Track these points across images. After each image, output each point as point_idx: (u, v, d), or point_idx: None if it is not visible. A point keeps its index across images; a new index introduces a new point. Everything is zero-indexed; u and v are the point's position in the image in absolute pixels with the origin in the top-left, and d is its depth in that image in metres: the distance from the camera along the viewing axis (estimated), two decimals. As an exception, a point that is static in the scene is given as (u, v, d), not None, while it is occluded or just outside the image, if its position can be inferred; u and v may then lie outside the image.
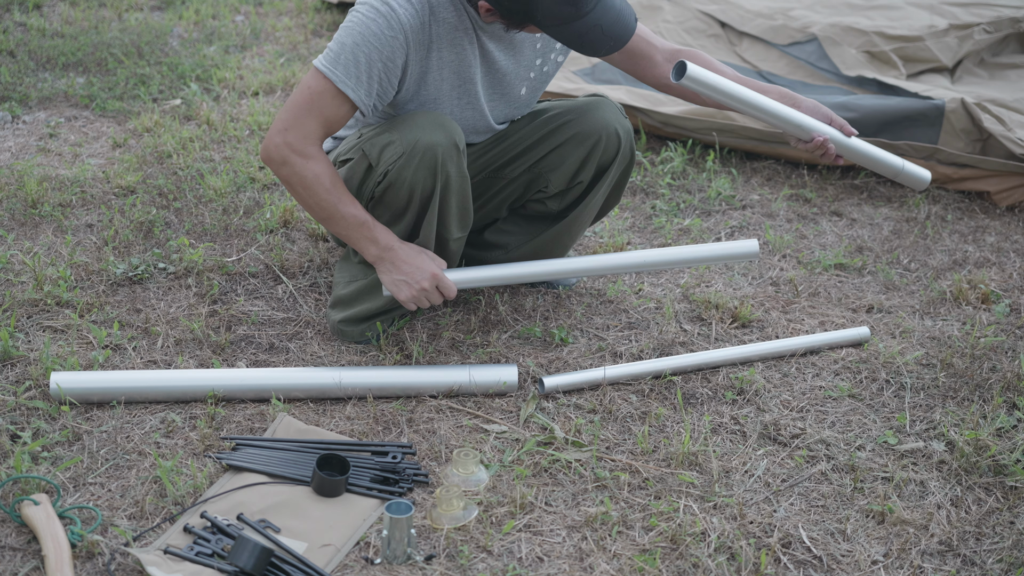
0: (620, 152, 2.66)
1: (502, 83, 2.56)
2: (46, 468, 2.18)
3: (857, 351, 2.73)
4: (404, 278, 2.45)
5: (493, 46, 2.49)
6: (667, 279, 3.07)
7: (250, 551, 1.92)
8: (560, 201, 2.74)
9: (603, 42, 2.32)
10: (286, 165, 2.38)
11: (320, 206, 2.41)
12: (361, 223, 2.43)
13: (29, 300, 2.74)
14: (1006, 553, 2.10)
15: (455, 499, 2.07)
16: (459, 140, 2.45)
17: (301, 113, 2.37)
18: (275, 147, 2.38)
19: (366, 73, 2.35)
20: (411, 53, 2.38)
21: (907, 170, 2.72)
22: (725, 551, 2.06)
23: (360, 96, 2.37)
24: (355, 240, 2.46)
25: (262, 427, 2.35)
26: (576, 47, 2.34)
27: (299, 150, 2.37)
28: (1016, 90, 4.05)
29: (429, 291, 2.46)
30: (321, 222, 2.46)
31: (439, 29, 2.40)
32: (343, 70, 2.34)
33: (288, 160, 2.38)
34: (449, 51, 2.44)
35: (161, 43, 4.82)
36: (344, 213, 2.42)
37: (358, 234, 2.44)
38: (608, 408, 2.46)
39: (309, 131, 2.37)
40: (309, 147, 2.38)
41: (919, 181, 2.75)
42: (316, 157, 2.39)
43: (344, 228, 2.44)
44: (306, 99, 2.37)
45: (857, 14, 4.53)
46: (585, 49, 2.34)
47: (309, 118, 2.37)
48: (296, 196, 2.44)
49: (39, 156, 3.65)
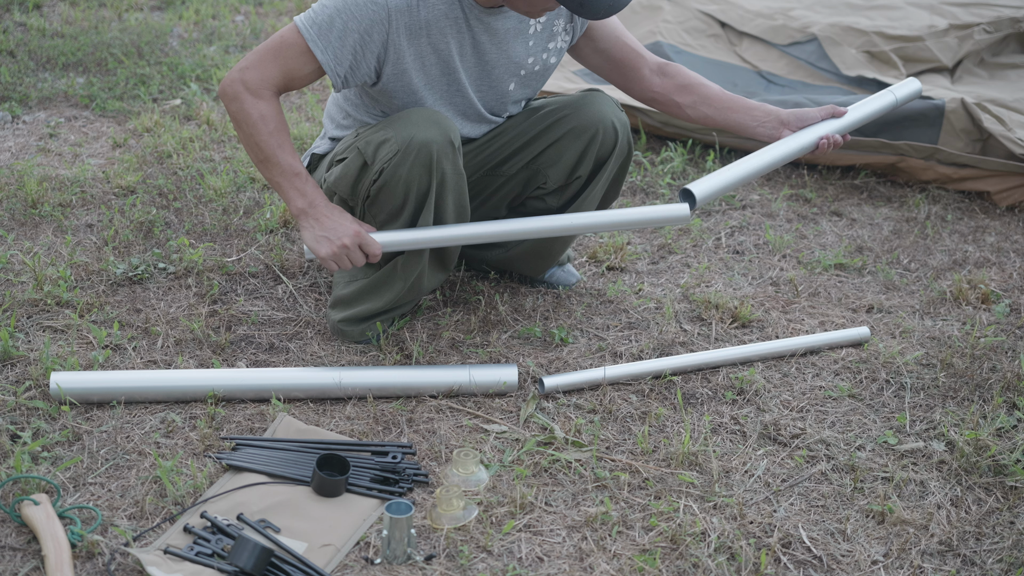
0: (618, 145, 2.66)
1: (490, 76, 2.56)
2: (46, 468, 2.18)
3: (857, 351, 2.73)
4: (326, 234, 2.44)
5: (485, 38, 2.49)
6: (667, 279, 3.07)
7: (250, 551, 1.92)
8: (559, 197, 2.74)
9: (601, 2, 2.31)
10: (236, 101, 2.41)
11: (259, 146, 2.43)
12: (295, 174, 2.44)
13: (29, 300, 2.74)
14: (1006, 553, 2.10)
15: (455, 499, 2.07)
16: (454, 137, 2.45)
17: (266, 57, 2.41)
18: (231, 82, 2.42)
19: (338, 40, 2.38)
20: (392, 33, 2.39)
21: (900, 93, 2.82)
22: (725, 551, 2.06)
23: (328, 61, 2.40)
24: (284, 189, 2.45)
25: (262, 427, 2.35)
26: (574, 6, 2.30)
27: (253, 89, 2.40)
28: (1016, 90, 4.05)
29: (351, 249, 2.44)
30: (257, 165, 2.47)
31: (427, 14, 2.41)
32: (316, 31, 2.38)
33: (239, 96, 2.41)
34: (437, 37, 2.44)
35: (161, 43, 4.83)
36: (280, 160, 2.43)
37: (288, 183, 2.44)
38: (608, 408, 2.46)
39: (267, 75, 2.41)
40: (263, 89, 2.41)
41: (914, 92, 2.85)
42: (268, 99, 2.42)
43: (277, 174, 2.45)
44: (275, 46, 2.42)
45: (857, 14, 4.52)
46: (584, 9, 2.31)
47: (272, 64, 2.41)
48: (240, 134, 2.46)
49: (39, 156, 3.65)
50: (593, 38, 2.69)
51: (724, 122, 2.72)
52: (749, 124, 2.70)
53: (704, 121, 2.75)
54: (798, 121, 2.67)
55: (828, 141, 2.64)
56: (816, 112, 2.68)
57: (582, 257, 3.16)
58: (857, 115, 2.73)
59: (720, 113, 2.71)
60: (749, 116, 2.70)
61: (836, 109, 2.68)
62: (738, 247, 3.28)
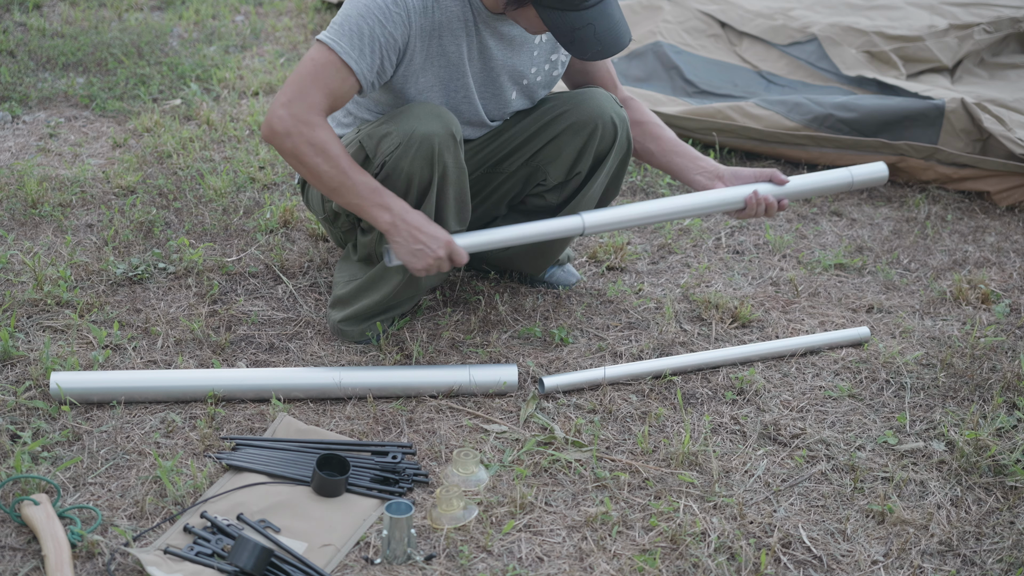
0: (617, 140, 2.67)
1: (495, 82, 2.57)
2: (46, 468, 2.18)
3: (857, 351, 2.73)
4: (421, 247, 2.39)
5: (492, 43, 2.50)
6: (667, 279, 3.07)
7: (250, 551, 1.92)
8: (559, 194, 2.74)
9: (592, 44, 2.32)
10: (290, 137, 2.34)
11: (329, 174, 2.36)
12: (373, 189, 2.38)
13: (29, 300, 2.74)
14: (1006, 553, 2.10)
15: (455, 499, 2.07)
16: (456, 131, 2.45)
17: (305, 85, 2.34)
18: (279, 119, 2.34)
19: (369, 47, 2.35)
20: (412, 34, 2.39)
21: (859, 177, 2.74)
22: (725, 551, 2.06)
23: (363, 69, 2.36)
24: (366, 208, 2.39)
25: (262, 427, 2.35)
26: (565, 42, 2.33)
27: (304, 120, 2.33)
28: (1016, 90, 4.05)
29: (443, 260, 2.42)
30: (330, 193, 2.40)
31: (441, 16, 2.41)
32: (347, 42, 2.34)
33: (293, 131, 2.33)
34: (448, 40, 2.44)
35: (161, 43, 4.83)
36: (354, 180, 2.36)
37: (369, 202, 2.38)
38: (608, 408, 2.46)
39: (314, 102, 2.34)
40: (314, 117, 2.34)
41: (877, 178, 2.78)
42: (322, 126, 2.35)
43: (355, 196, 2.38)
44: (310, 71, 2.35)
45: (857, 14, 4.53)
46: (574, 47, 2.33)
47: (313, 89, 2.34)
48: (303, 167, 2.37)
49: (39, 156, 3.65)
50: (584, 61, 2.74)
51: (665, 163, 2.76)
52: (688, 169, 2.72)
53: (646, 156, 2.80)
54: (733, 178, 2.68)
55: (756, 199, 2.60)
56: (751, 173, 2.68)
57: (582, 257, 3.16)
58: (799, 185, 2.68)
59: (664, 154, 2.75)
60: (691, 163, 2.72)
61: (776, 175, 2.66)
62: (738, 247, 3.28)
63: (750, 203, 2.61)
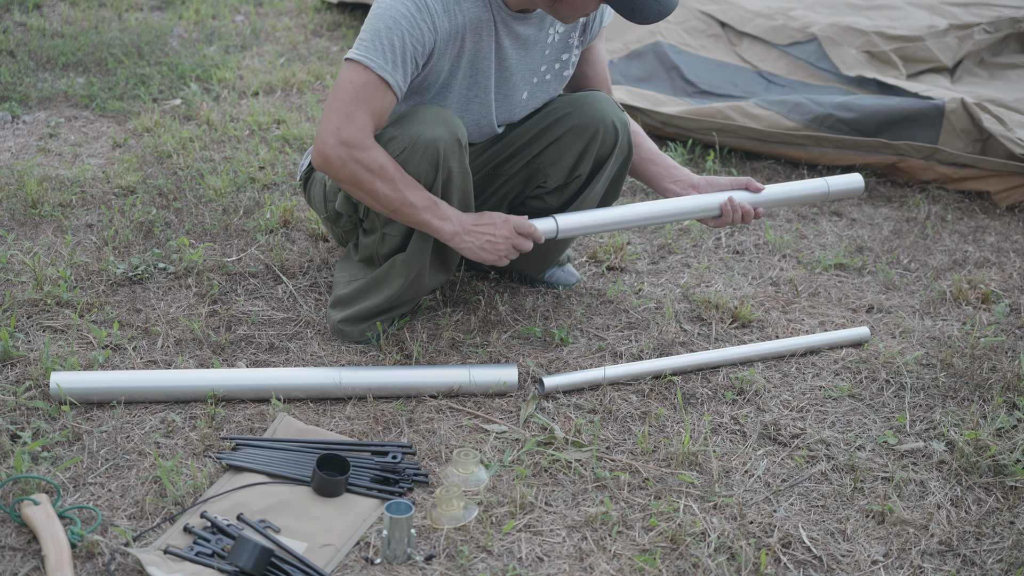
0: (618, 144, 2.67)
1: (508, 83, 2.57)
2: (46, 468, 2.18)
3: (857, 351, 2.73)
4: (489, 238, 2.45)
5: (508, 43, 2.50)
6: (667, 279, 3.07)
7: (250, 551, 1.92)
8: (559, 196, 2.74)
9: (653, 6, 2.33)
10: (346, 165, 2.34)
11: (389, 197, 2.38)
12: (430, 204, 2.41)
13: (29, 300, 2.74)
14: (1006, 553, 2.10)
15: (455, 499, 2.07)
16: (461, 135, 2.45)
17: (351, 108, 2.34)
18: (332, 147, 2.33)
19: (400, 57, 2.35)
20: (438, 39, 2.39)
21: (835, 187, 2.79)
22: (725, 551, 2.06)
23: (398, 81, 2.36)
24: (430, 223, 2.42)
25: (262, 427, 2.35)
26: (626, 11, 2.33)
27: (358, 144, 2.34)
28: (1016, 90, 4.05)
29: (511, 237, 2.46)
30: (389, 214, 2.42)
31: (463, 19, 2.41)
32: (381, 56, 2.33)
33: (348, 158, 2.34)
34: (470, 42, 2.45)
35: (161, 43, 4.83)
36: (413, 199, 2.39)
37: (430, 217, 2.41)
38: (608, 408, 2.46)
39: (362, 125, 2.34)
40: (366, 140, 2.35)
41: (852, 190, 2.82)
42: (374, 147, 2.36)
43: (416, 214, 2.41)
44: (352, 93, 2.34)
45: (857, 14, 4.52)
46: (636, 13, 2.34)
47: (359, 112, 2.34)
48: (362, 192, 2.38)
49: (39, 156, 3.65)
50: (584, 60, 2.76)
51: (640, 170, 2.79)
52: (663, 177, 2.75)
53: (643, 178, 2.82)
54: (709, 187, 2.71)
55: (732, 206, 2.62)
56: (727, 182, 2.70)
57: (582, 257, 3.16)
58: (774, 193, 2.72)
59: (640, 161, 2.78)
60: (665, 172, 2.75)
61: (752, 183, 2.69)
62: (738, 247, 3.28)
63: (725, 210, 2.64)
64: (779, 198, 2.74)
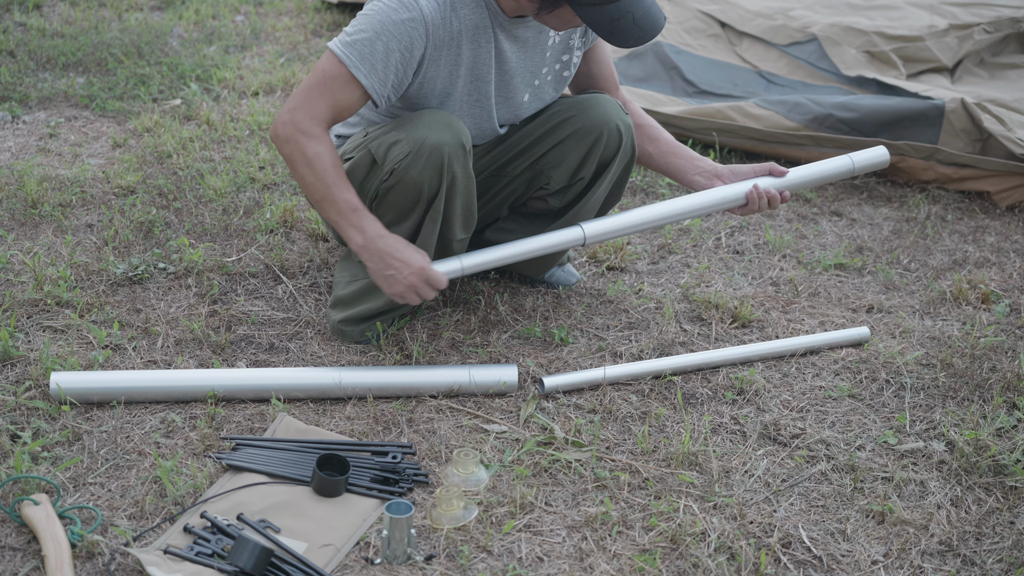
0: (621, 148, 2.67)
1: (509, 86, 2.56)
2: (46, 468, 2.18)
3: (857, 351, 2.73)
4: (392, 272, 2.41)
5: (508, 46, 2.50)
6: (667, 279, 3.07)
7: (250, 551, 1.92)
8: (561, 198, 2.74)
9: (632, 31, 2.33)
10: (289, 143, 2.39)
11: (315, 186, 2.40)
12: (353, 209, 2.41)
13: (29, 300, 2.74)
14: (1006, 553, 2.10)
15: (455, 499, 2.07)
16: (466, 140, 2.45)
17: (312, 94, 2.38)
18: (282, 125, 2.40)
19: (382, 63, 2.35)
20: (429, 47, 2.39)
21: (860, 162, 2.74)
22: (725, 551, 2.06)
23: (374, 84, 2.37)
24: (343, 227, 2.43)
25: (262, 427, 2.35)
26: (605, 34, 2.34)
27: (304, 129, 2.38)
28: (1016, 90, 4.05)
29: (418, 286, 2.42)
30: (314, 204, 2.45)
31: (459, 26, 2.41)
32: (358, 56, 2.35)
33: (291, 138, 2.38)
34: (467, 48, 2.44)
35: (161, 43, 4.83)
36: (336, 197, 2.40)
37: (346, 220, 2.41)
38: (608, 408, 2.46)
39: (317, 112, 2.38)
40: (314, 128, 2.38)
41: (878, 162, 2.77)
42: (319, 137, 2.39)
43: (335, 212, 2.42)
44: (318, 81, 2.38)
45: (857, 14, 4.53)
46: (615, 37, 2.34)
47: (319, 99, 2.38)
48: (295, 175, 2.44)
49: (39, 156, 3.65)
50: (589, 59, 2.74)
51: (663, 164, 2.77)
52: (687, 170, 2.73)
53: (644, 159, 2.81)
54: (732, 176, 2.69)
55: (758, 193, 2.60)
56: (750, 169, 2.68)
57: (582, 257, 3.16)
58: (800, 176, 2.69)
59: (662, 156, 2.77)
60: (689, 163, 2.74)
61: (775, 168, 2.67)
62: (738, 247, 3.28)
63: (751, 198, 2.61)
64: (804, 180, 2.69)
